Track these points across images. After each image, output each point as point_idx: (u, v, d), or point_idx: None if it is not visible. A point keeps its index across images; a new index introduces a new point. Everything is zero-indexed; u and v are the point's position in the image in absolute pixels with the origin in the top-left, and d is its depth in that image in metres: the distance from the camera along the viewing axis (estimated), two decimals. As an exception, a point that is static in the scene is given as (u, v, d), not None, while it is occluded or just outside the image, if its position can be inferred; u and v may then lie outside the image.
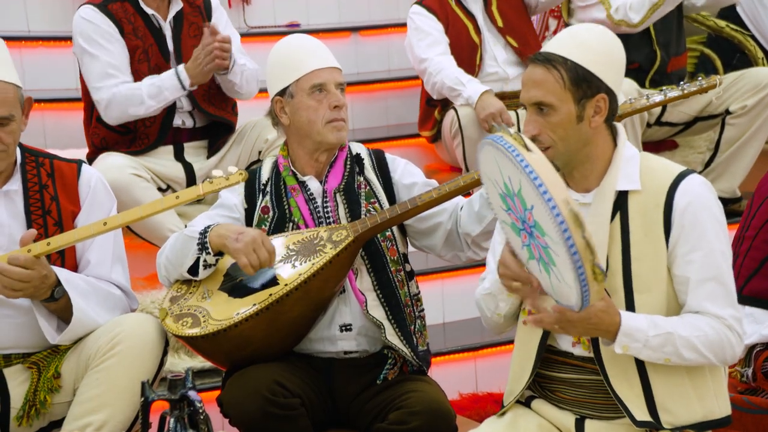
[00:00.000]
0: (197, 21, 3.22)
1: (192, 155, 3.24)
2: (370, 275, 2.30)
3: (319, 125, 2.29)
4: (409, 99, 4.26)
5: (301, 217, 2.31)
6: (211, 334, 2.14)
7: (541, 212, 1.70)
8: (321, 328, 2.28)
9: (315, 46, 2.37)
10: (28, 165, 2.27)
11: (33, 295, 2.14)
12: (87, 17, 3.10)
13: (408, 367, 2.31)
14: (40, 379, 2.20)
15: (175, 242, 2.27)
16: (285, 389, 2.12)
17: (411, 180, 2.38)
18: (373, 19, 4.65)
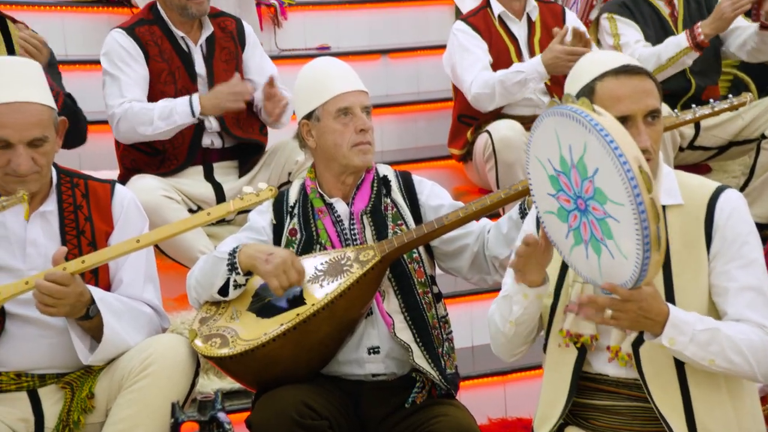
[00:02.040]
0: (229, 46, 3.25)
1: (222, 175, 3.27)
2: (397, 297, 2.30)
3: (345, 148, 2.31)
4: (438, 121, 4.27)
5: (328, 239, 2.32)
6: (239, 355, 2.15)
7: (607, 174, 1.67)
8: (349, 350, 2.28)
9: (341, 69, 2.39)
10: (63, 186, 2.31)
11: (69, 313, 2.16)
12: (114, 40, 3.17)
13: (436, 391, 2.30)
14: (74, 400, 2.21)
15: (204, 264, 2.28)
16: (313, 411, 2.12)
17: (438, 202, 2.38)
18: (403, 42, 4.68)
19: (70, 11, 4.19)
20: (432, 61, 4.43)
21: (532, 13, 3.79)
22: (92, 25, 4.13)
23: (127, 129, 3.11)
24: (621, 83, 1.91)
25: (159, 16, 3.21)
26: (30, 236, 2.24)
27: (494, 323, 2.07)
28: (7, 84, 2.22)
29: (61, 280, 2.11)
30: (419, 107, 4.39)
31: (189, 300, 2.35)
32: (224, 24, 3.29)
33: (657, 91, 1.95)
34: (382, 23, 4.72)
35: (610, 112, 1.89)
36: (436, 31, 4.67)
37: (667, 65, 3.64)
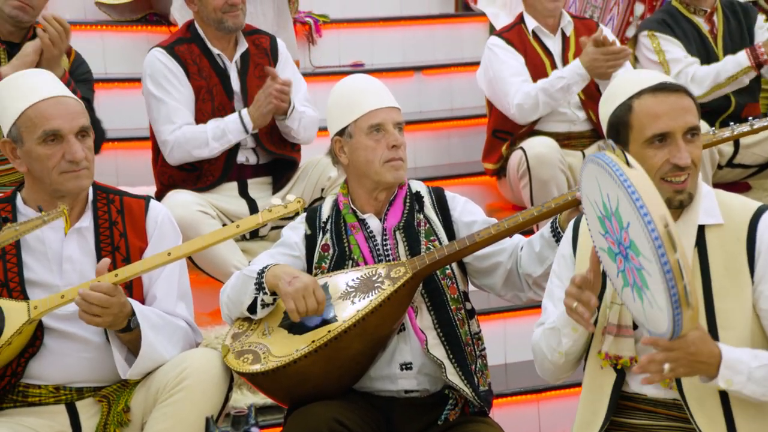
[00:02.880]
0: (263, 62, 3.29)
1: (256, 191, 3.29)
2: (430, 313, 2.29)
3: (377, 165, 2.31)
4: (472, 137, 4.27)
5: (360, 255, 2.32)
6: (271, 371, 2.15)
7: (636, 229, 1.67)
8: (381, 366, 2.28)
9: (373, 86, 2.40)
10: (99, 202, 2.33)
11: (112, 324, 2.18)
12: (155, 60, 3.20)
13: (469, 408, 2.28)
14: (111, 413, 2.23)
15: (236, 281, 2.30)
16: (345, 427, 2.11)
17: (471, 218, 2.38)
18: (437, 59, 4.69)
19: (109, 30, 4.27)
20: (465, 77, 4.43)
21: (566, 29, 3.78)
22: (131, 44, 4.20)
23: (182, 154, 3.16)
24: (659, 101, 1.90)
25: (196, 34, 3.25)
26: (66, 252, 2.27)
27: (540, 350, 2.05)
28: (41, 84, 2.28)
29: (107, 290, 2.14)
30: (453, 123, 4.40)
31: (222, 316, 2.36)
32: (259, 41, 3.33)
33: (696, 108, 1.93)
34: (416, 40, 4.74)
35: (648, 130, 1.89)
36: (470, 47, 4.67)
37: (726, 84, 3.61)
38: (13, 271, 2.23)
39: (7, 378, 2.22)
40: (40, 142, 2.21)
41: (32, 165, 2.24)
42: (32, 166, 2.24)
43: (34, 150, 2.22)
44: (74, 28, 4.11)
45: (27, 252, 2.25)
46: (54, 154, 2.21)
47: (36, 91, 2.26)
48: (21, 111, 2.23)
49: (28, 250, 2.25)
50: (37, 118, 2.22)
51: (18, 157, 2.25)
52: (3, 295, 2.21)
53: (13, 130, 2.24)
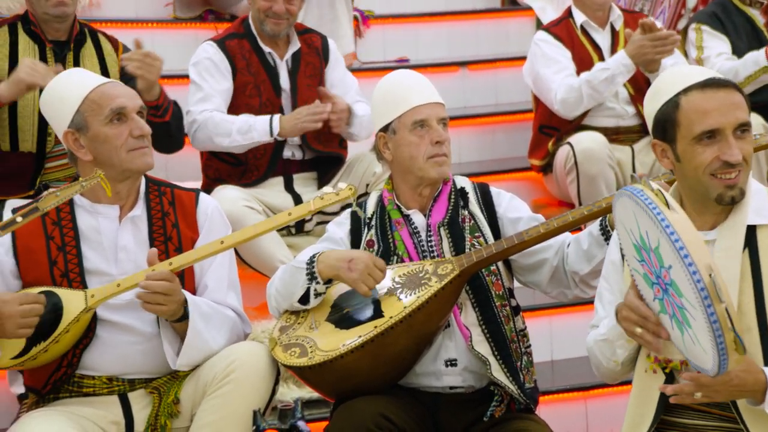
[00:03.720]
0: (314, 62, 3.30)
1: (301, 186, 3.31)
2: (474, 310, 2.29)
3: (421, 161, 2.31)
4: (517, 133, 4.24)
5: (405, 251, 2.32)
6: (318, 365, 2.16)
7: (679, 274, 1.64)
8: (426, 362, 2.27)
9: (417, 81, 2.39)
10: (151, 194, 2.37)
11: (173, 312, 2.21)
12: (204, 51, 3.25)
13: (515, 405, 2.27)
14: (161, 404, 2.26)
15: (283, 274, 2.31)
16: (391, 423, 2.12)
17: (516, 214, 2.36)
18: (482, 54, 4.67)
19: (159, 28, 4.33)
20: (511, 72, 4.40)
21: (616, 23, 3.73)
22: (181, 41, 4.25)
23: (204, 137, 3.19)
24: (708, 96, 1.85)
25: (249, 31, 3.28)
26: (121, 242, 2.31)
27: (595, 356, 2.03)
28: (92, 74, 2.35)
29: (167, 276, 2.17)
30: (498, 119, 4.37)
31: (269, 309, 2.38)
32: (311, 41, 3.34)
33: (746, 103, 1.88)
34: (461, 35, 4.72)
35: (697, 127, 1.85)
36: (516, 42, 4.64)
37: (746, 83, 3.53)
38: (73, 262, 2.27)
39: (63, 368, 2.26)
40: (107, 122, 2.26)
41: (99, 149, 2.27)
42: (99, 151, 2.27)
43: (101, 132, 2.26)
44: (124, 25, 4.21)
45: (85, 242, 2.29)
46: (121, 132, 2.26)
47: (92, 79, 2.33)
48: (84, 96, 2.28)
49: (86, 240, 2.29)
50: (101, 99, 2.27)
51: (82, 146, 2.29)
52: (63, 285, 2.25)
53: (76, 118, 2.28)
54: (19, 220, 2.06)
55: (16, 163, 3.01)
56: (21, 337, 2.15)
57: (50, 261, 2.26)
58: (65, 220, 2.29)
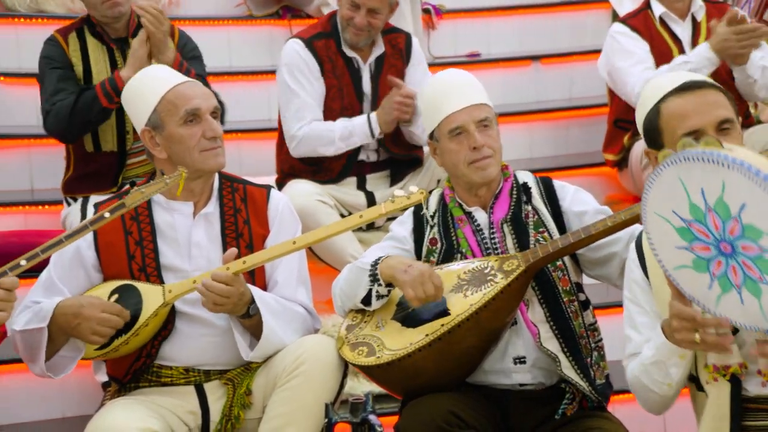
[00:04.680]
0: (397, 64, 3.29)
1: (374, 185, 3.32)
2: (541, 306, 2.26)
3: (462, 167, 2.30)
4: (591, 127, 4.17)
5: (469, 249, 2.31)
6: (386, 364, 2.17)
7: (757, 205, 1.56)
8: (494, 360, 2.26)
9: (453, 86, 2.36)
10: (224, 190, 2.41)
11: (232, 311, 2.25)
12: (294, 51, 3.24)
13: (588, 403, 2.24)
14: (234, 395, 2.29)
15: (348, 274, 2.33)
16: (461, 420, 2.11)
17: (581, 208, 2.32)
18: (555, 47, 4.60)
19: (234, 25, 4.41)
20: (586, 66, 4.32)
21: (697, 14, 3.62)
22: (255, 38, 4.33)
23: (308, 149, 3.21)
24: (685, 100, 1.89)
25: (336, 30, 3.27)
26: (194, 238, 2.35)
27: (643, 385, 1.96)
28: (170, 74, 2.40)
29: (226, 279, 2.20)
30: (572, 113, 4.31)
31: (335, 308, 2.40)
32: (395, 41, 3.33)
33: (726, 100, 1.88)
34: (534, 28, 4.66)
35: (679, 130, 1.87)
36: (591, 35, 4.56)
37: None
38: (150, 257, 2.32)
39: (143, 359, 2.32)
40: (181, 123, 2.31)
41: (173, 148, 2.32)
42: (173, 150, 2.33)
43: (175, 132, 2.31)
44: (201, 23, 4.30)
45: (161, 238, 2.34)
46: (194, 133, 2.30)
47: (169, 79, 2.37)
48: (161, 96, 2.33)
49: (162, 236, 2.35)
50: (177, 100, 2.32)
51: (158, 144, 2.34)
52: (141, 279, 2.31)
53: (153, 117, 2.34)
54: (107, 215, 2.12)
55: (101, 162, 3.11)
56: (92, 342, 2.22)
57: (128, 255, 2.32)
58: (143, 215, 2.35)
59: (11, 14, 4.20)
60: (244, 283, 2.26)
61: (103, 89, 2.97)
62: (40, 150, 3.73)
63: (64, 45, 3.10)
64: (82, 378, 2.91)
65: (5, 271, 2.01)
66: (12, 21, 4.15)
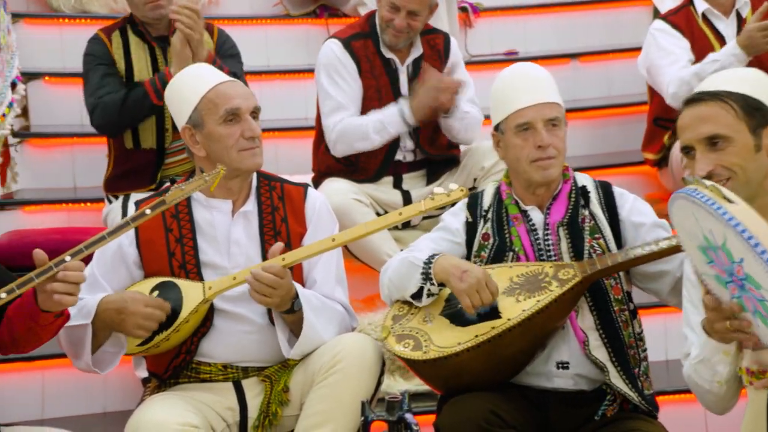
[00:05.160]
0: (435, 64, 3.27)
1: (410, 184, 3.31)
2: (592, 314, 2.23)
3: (524, 164, 2.27)
4: (630, 125, 4.12)
5: (521, 248, 2.28)
6: (432, 360, 2.16)
7: (754, 265, 1.58)
8: (538, 363, 2.24)
9: (527, 80, 2.33)
10: (262, 188, 2.42)
11: (278, 305, 2.27)
12: (331, 51, 3.24)
13: (628, 405, 2.21)
14: (272, 392, 2.31)
15: (399, 265, 2.31)
16: (501, 420, 2.10)
17: (640, 219, 2.28)
18: (593, 45, 4.56)
19: (271, 24, 4.44)
20: (625, 63, 4.28)
21: (742, 10, 3.55)
22: (292, 37, 4.35)
23: (345, 146, 3.21)
24: (686, 113, 1.91)
25: (374, 31, 3.26)
26: (233, 236, 2.37)
27: (695, 384, 1.96)
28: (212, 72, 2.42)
29: (277, 272, 2.22)
30: (610, 112, 4.27)
31: (381, 295, 2.38)
32: (434, 42, 3.31)
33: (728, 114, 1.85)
34: (572, 26, 4.63)
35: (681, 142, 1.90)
36: (631, 32, 4.50)
37: None
38: (189, 254, 2.35)
39: (182, 355, 2.35)
40: (221, 122, 2.33)
41: (212, 147, 2.35)
42: (212, 148, 2.35)
43: (215, 131, 2.33)
44: (239, 22, 4.34)
45: (201, 235, 2.37)
46: (233, 132, 2.32)
47: (211, 78, 2.39)
48: (202, 95, 2.35)
49: (202, 234, 2.37)
50: (218, 99, 2.34)
51: (197, 143, 2.36)
52: (181, 276, 2.34)
53: (193, 116, 2.36)
54: (148, 212, 2.15)
55: (140, 159, 3.15)
56: (137, 337, 2.25)
57: (169, 252, 2.34)
58: (183, 213, 2.37)
59: (56, 15, 4.28)
60: (291, 279, 2.27)
61: (153, 86, 3.02)
62: (82, 148, 3.79)
63: (107, 43, 3.15)
64: (123, 373, 2.95)
65: (50, 266, 2.04)
66: (56, 21, 4.22)
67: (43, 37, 4.15)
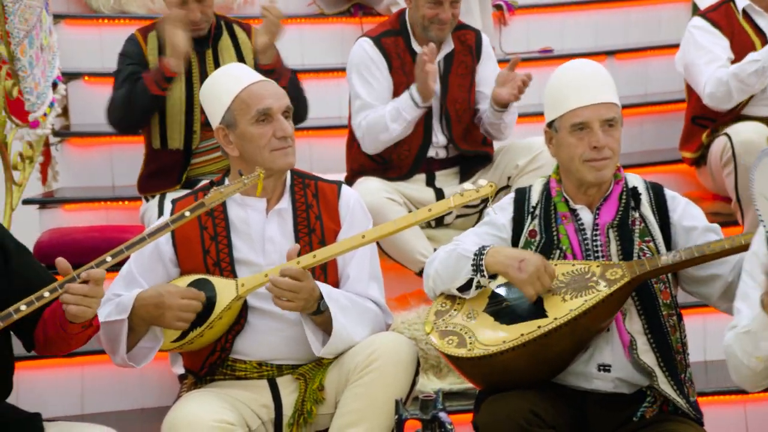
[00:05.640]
0: (467, 60, 3.27)
1: (443, 182, 3.30)
2: (640, 317, 2.20)
3: (577, 163, 2.24)
4: (667, 123, 4.08)
5: (569, 247, 2.25)
6: (477, 358, 2.14)
7: None
8: (578, 363, 2.22)
9: (583, 79, 2.27)
10: (296, 186, 2.43)
11: (303, 308, 2.28)
12: (362, 49, 3.26)
13: (668, 407, 2.19)
14: (307, 390, 2.32)
15: (447, 257, 2.28)
16: (540, 419, 2.08)
17: (691, 223, 2.24)
18: (630, 42, 4.51)
19: (306, 23, 4.46)
20: (662, 61, 4.23)
21: (786, 6, 3.49)
22: (327, 35, 4.37)
23: (372, 141, 3.22)
24: None
25: (405, 28, 3.27)
26: (268, 233, 2.38)
27: (734, 355, 1.92)
28: (246, 72, 2.43)
29: (296, 275, 2.23)
30: (646, 110, 4.21)
31: (424, 288, 2.36)
32: (465, 38, 3.31)
33: None
34: (609, 23, 4.58)
35: None
36: (669, 29, 4.45)
37: None
38: (224, 252, 2.36)
39: (218, 353, 2.36)
40: (253, 122, 2.34)
41: (244, 147, 2.36)
42: (244, 148, 2.36)
43: (247, 131, 2.35)
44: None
45: (235, 233, 2.38)
46: (265, 132, 2.34)
47: (244, 78, 2.40)
48: (235, 95, 2.36)
49: (236, 232, 2.39)
50: (250, 99, 2.35)
51: (231, 142, 2.38)
52: (215, 273, 2.36)
53: (227, 116, 2.38)
54: (187, 214, 2.18)
55: (166, 160, 3.20)
56: (176, 329, 2.27)
57: (204, 250, 2.36)
58: (217, 211, 2.39)
59: (95, 15, 4.34)
60: (313, 280, 2.27)
61: (150, 76, 3.06)
62: (120, 147, 3.84)
63: (142, 43, 3.20)
64: (160, 370, 2.99)
65: (91, 266, 2.08)
66: (96, 22, 4.29)
67: (82, 38, 4.21)
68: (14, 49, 3.25)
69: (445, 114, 3.23)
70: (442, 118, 3.23)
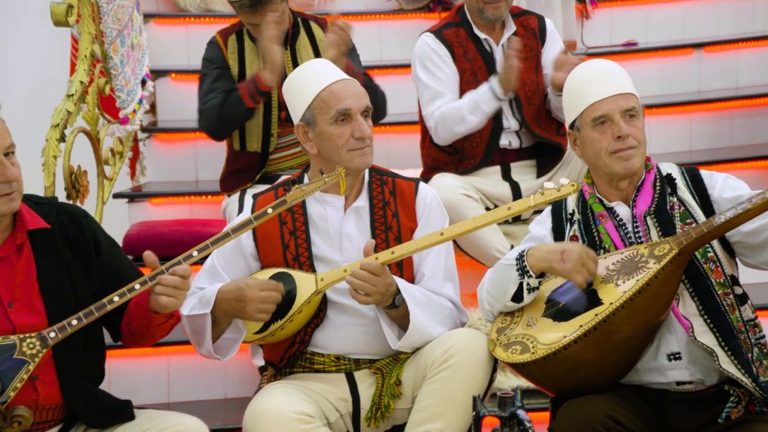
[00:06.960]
0: (530, 43, 3.25)
1: (519, 174, 3.28)
2: (693, 299, 2.17)
3: (605, 157, 2.23)
4: (759, 118, 3.94)
5: (612, 244, 2.24)
6: (542, 359, 2.14)
7: None
8: (648, 358, 2.18)
9: (599, 73, 2.28)
10: (374, 183, 2.46)
11: (379, 301, 2.30)
12: (424, 43, 3.29)
13: (755, 407, 2.12)
14: (384, 385, 2.34)
15: (493, 275, 2.31)
16: (618, 424, 2.05)
17: (733, 194, 2.20)
18: (721, 34, 4.37)
19: (385, 19, 4.48)
20: (755, 53, 4.10)
21: None
22: (406, 31, 4.37)
23: (446, 132, 3.22)
24: None
25: (465, 19, 3.29)
26: (345, 230, 2.41)
27: None
28: (328, 70, 2.44)
29: (375, 270, 2.25)
30: (736, 104, 4.08)
31: (482, 314, 2.37)
32: (526, 22, 3.31)
33: None
34: (698, 15, 4.45)
35: None
36: (760, 20, 4.30)
37: None
38: (303, 247, 2.40)
39: (297, 345, 2.41)
40: (332, 121, 2.37)
41: (323, 145, 2.39)
42: (323, 147, 2.40)
43: (326, 130, 2.38)
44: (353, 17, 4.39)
45: (314, 229, 2.42)
46: (344, 132, 2.36)
47: (325, 76, 2.43)
48: (315, 94, 2.40)
49: (315, 228, 2.42)
50: (330, 99, 2.38)
51: (310, 140, 2.42)
52: (294, 268, 2.40)
53: (307, 114, 2.42)
54: (270, 211, 2.23)
55: (245, 161, 3.27)
56: (258, 320, 2.32)
57: (283, 245, 2.40)
58: (296, 207, 2.42)
59: (182, 14, 4.46)
60: (390, 275, 2.29)
61: (246, 91, 3.11)
62: (204, 143, 3.93)
63: (223, 47, 3.27)
64: (242, 361, 3.06)
65: (179, 260, 2.14)
66: (183, 21, 4.41)
67: (170, 36, 4.34)
68: (107, 48, 3.36)
69: (514, 96, 3.21)
70: (512, 101, 3.22)
